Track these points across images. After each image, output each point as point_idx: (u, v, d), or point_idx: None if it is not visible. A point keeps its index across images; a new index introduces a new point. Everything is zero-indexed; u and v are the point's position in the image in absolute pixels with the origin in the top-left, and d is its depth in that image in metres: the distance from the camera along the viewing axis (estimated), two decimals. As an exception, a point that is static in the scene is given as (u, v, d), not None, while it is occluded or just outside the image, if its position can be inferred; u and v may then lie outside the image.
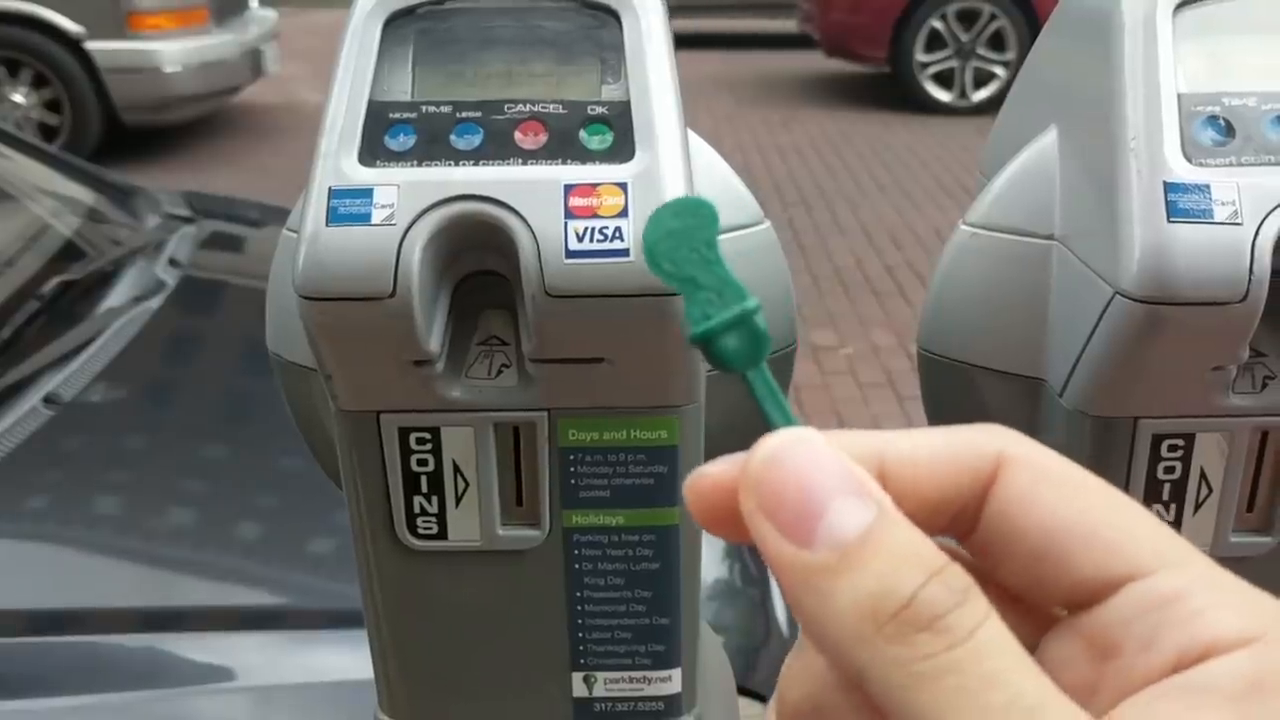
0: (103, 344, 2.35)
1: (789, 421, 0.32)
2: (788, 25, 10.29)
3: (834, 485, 0.28)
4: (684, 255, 0.35)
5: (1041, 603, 0.30)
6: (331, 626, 1.79)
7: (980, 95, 8.26)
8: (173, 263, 2.75)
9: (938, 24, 8.28)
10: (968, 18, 8.27)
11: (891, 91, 8.55)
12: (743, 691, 1.88)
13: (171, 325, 2.58)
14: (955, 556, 0.29)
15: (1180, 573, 0.29)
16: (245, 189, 4.85)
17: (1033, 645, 0.30)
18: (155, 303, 2.55)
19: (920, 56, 8.33)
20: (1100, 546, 0.29)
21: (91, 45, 6.69)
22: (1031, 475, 0.30)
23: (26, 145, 3.27)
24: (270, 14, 8.11)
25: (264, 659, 1.77)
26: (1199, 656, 0.27)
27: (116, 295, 2.59)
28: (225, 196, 3.70)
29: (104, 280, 2.61)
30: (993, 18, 8.19)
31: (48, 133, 6.83)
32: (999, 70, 8.22)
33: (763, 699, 1.82)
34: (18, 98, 6.80)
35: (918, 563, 0.27)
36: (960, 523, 0.31)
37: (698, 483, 0.31)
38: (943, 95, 8.31)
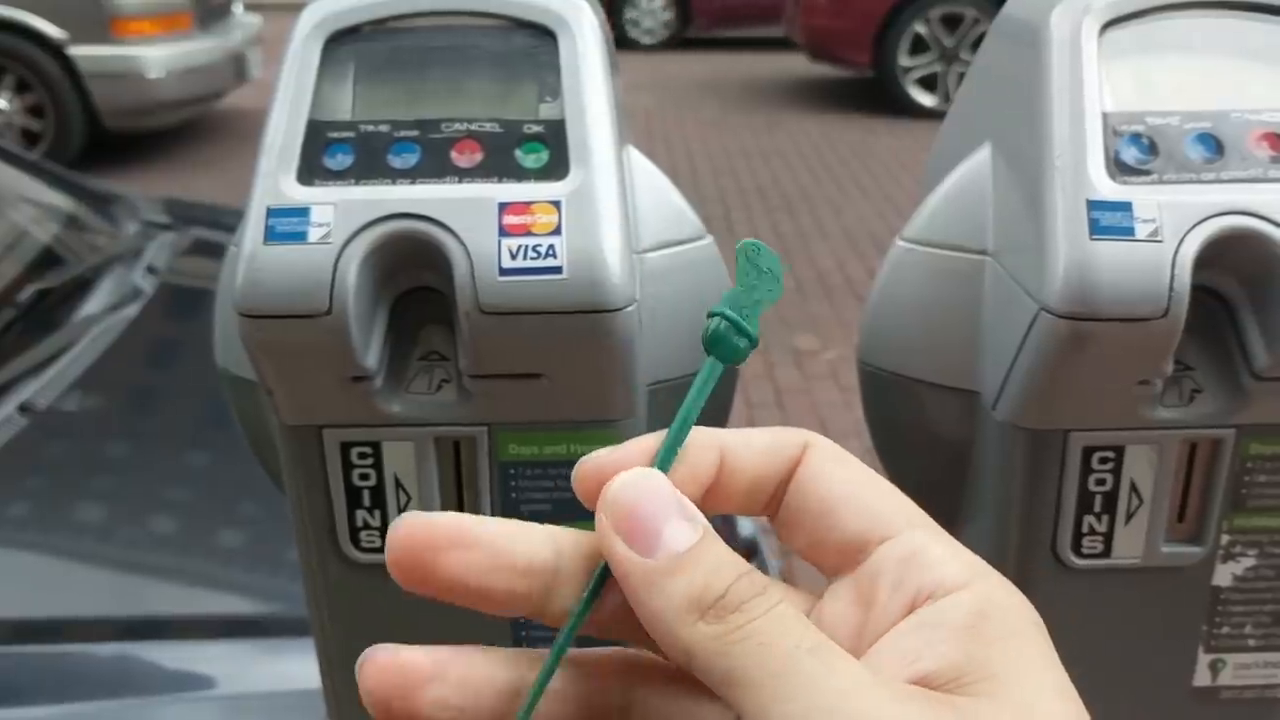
0: (79, 352, 2.35)
1: (687, 422, 0.38)
2: (773, 30, 10.32)
3: (669, 510, 0.35)
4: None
5: (821, 564, 0.38)
6: (310, 634, 1.78)
7: (964, 99, 8.28)
8: (151, 270, 2.76)
9: (921, 28, 8.30)
10: (951, 22, 8.29)
11: (875, 96, 8.56)
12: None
13: (149, 333, 2.58)
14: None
15: (919, 533, 0.36)
16: (229, 194, 4.85)
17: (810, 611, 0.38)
18: (132, 310, 2.56)
19: (904, 61, 8.36)
20: (862, 512, 0.37)
21: (75, 50, 6.67)
22: (821, 456, 0.38)
23: (3, 152, 3.27)
24: (254, 19, 8.10)
25: (241, 667, 1.77)
26: (930, 595, 0.34)
27: (93, 303, 2.59)
28: (206, 203, 3.70)
29: (81, 287, 2.61)
30: (976, 22, 8.21)
31: (30, 138, 6.81)
32: (983, 74, 8.24)
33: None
34: (0, 103, 6.79)
35: (730, 568, 0.34)
36: (772, 503, 0.39)
37: (586, 468, 0.38)
38: (926, 99, 8.33)
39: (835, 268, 5.48)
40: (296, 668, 1.72)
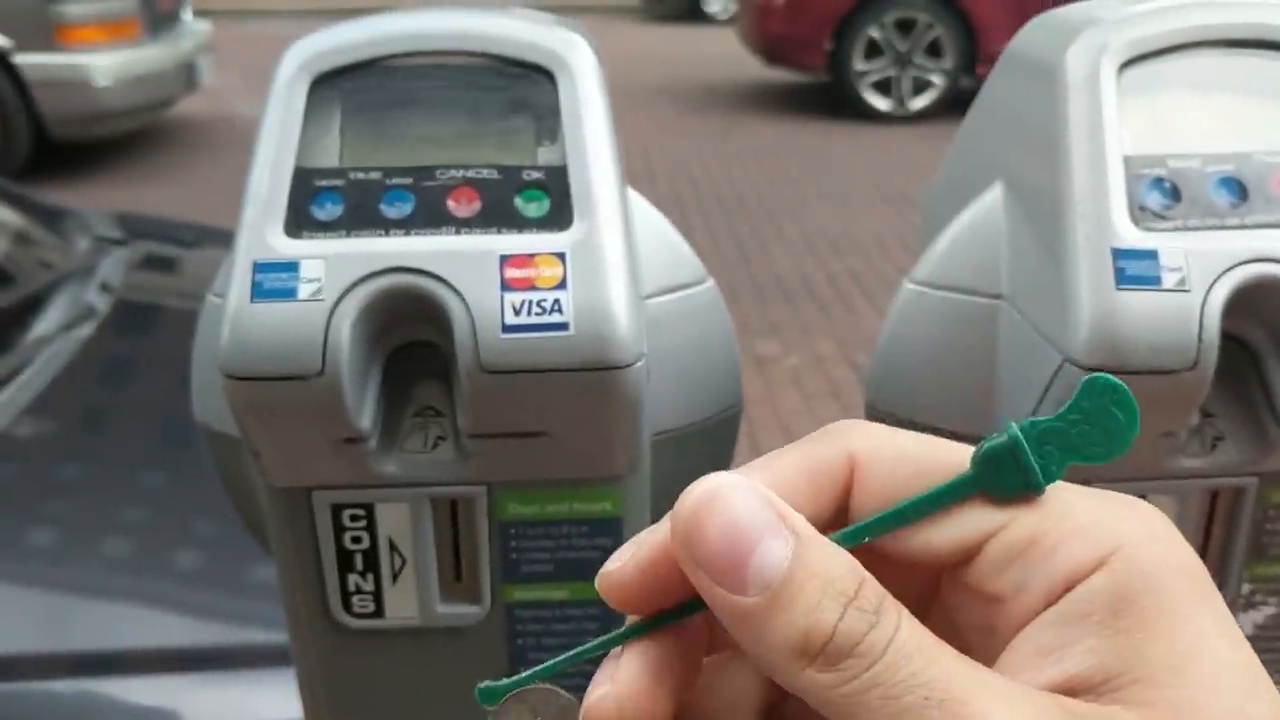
0: (32, 374, 2.29)
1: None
2: (728, 34, 10.31)
3: (754, 528, 0.30)
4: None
5: (927, 566, 0.33)
6: (274, 664, 1.74)
7: (918, 103, 8.30)
8: (104, 287, 2.69)
9: (875, 33, 8.32)
10: (904, 26, 8.32)
11: (831, 100, 8.58)
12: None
13: (104, 352, 2.51)
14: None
15: (1029, 515, 0.31)
16: (181, 203, 4.76)
17: (931, 597, 0.34)
18: (86, 329, 2.49)
19: (858, 65, 8.37)
20: (950, 517, 0.32)
21: (19, 59, 6.53)
22: (879, 468, 0.33)
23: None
24: (204, 25, 7.98)
25: (205, 700, 1.72)
26: (1064, 588, 0.30)
27: (46, 322, 2.52)
28: (159, 217, 3.62)
29: (32, 307, 2.54)
30: (929, 26, 8.25)
31: (-26, 149, 6.67)
32: (936, 78, 8.27)
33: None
34: (-57, 113, 6.64)
35: (835, 593, 0.30)
36: (836, 524, 0.33)
37: (608, 579, 0.32)
38: (881, 103, 8.36)
39: (793, 271, 5.47)
40: (263, 699, 1.68)
